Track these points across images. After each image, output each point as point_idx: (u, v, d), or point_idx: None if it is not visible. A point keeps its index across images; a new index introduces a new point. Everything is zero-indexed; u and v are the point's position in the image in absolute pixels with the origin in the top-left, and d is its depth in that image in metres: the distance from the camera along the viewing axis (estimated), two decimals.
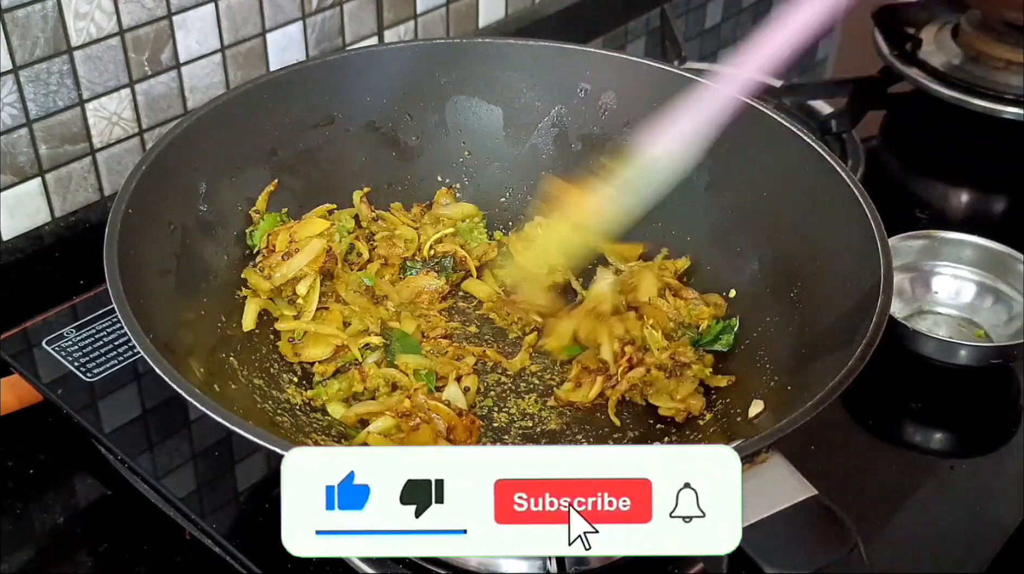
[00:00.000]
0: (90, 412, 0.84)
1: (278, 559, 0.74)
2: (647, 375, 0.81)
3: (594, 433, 0.80)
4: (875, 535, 0.79)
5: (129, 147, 1.00)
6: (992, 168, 1.24)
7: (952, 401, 0.92)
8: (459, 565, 0.74)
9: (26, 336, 0.90)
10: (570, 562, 0.73)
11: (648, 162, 0.80)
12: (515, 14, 1.33)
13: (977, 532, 0.80)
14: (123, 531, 0.79)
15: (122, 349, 0.89)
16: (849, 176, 0.78)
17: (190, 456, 0.83)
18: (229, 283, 0.83)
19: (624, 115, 0.92)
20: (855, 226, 0.76)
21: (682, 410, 0.79)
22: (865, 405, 0.89)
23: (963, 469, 0.86)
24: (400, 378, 0.80)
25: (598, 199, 0.82)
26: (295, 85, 0.88)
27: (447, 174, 0.95)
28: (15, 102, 0.90)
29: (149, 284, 0.73)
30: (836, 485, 0.81)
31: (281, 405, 0.77)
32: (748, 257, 0.85)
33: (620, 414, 0.81)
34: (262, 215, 0.87)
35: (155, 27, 0.96)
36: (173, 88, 1.00)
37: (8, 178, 0.92)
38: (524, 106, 0.94)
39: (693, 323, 0.84)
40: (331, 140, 0.91)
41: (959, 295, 0.98)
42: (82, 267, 0.95)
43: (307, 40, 1.09)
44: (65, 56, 0.91)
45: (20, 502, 0.81)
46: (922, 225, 1.01)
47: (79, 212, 0.98)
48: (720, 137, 0.86)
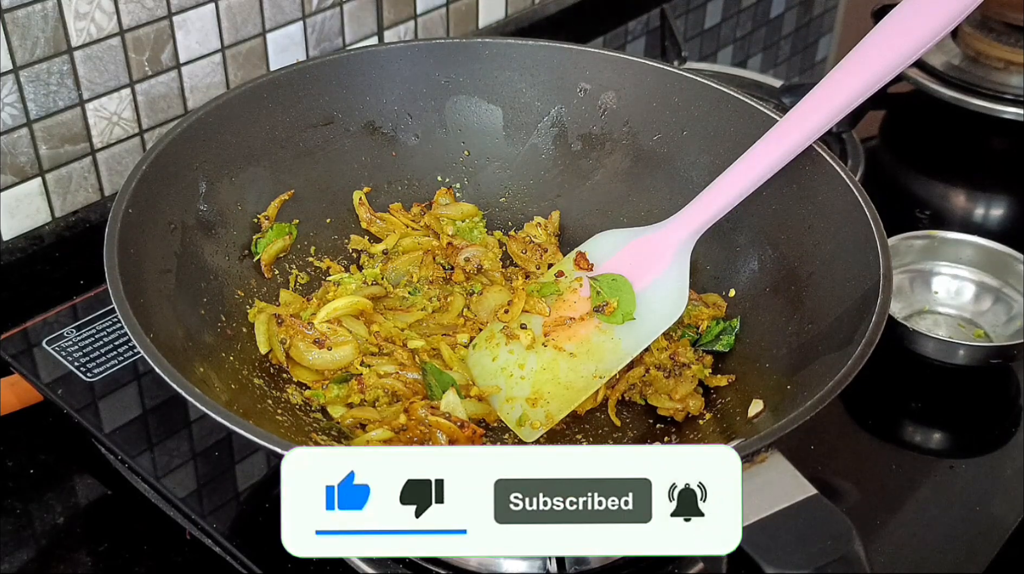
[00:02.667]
0: (90, 412, 0.84)
1: (278, 559, 0.74)
2: (646, 375, 0.81)
3: (594, 433, 0.80)
4: (875, 535, 0.79)
5: (129, 147, 1.00)
6: (992, 168, 1.24)
7: (952, 401, 0.92)
8: (459, 565, 0.74)
9: (26, 336, 0.90)
10: (570, 562, 0.73)
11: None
12: (515, 14, 1.33)
13: (977, 532, 0.80)
14: (123, 531, 0.79)
15: (122, 349, 0.89)
16: (849, 176, 0.78)
17: (190, 456, 0.83)
18: (229, 283, 0.83)
19: (624, 115, 0.92)
20: (855, 226, 0.76)
21: (681, 410, 0.79)
22: (865, 405, 0.89)
23: (963, 469, 0.86)
24: (399, 388, 0.80)
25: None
26: (295, 85, 0.88)
27: (447, 174, 0.95)
28: (15, 102, 0.90)
29: (149, 284, 0.73)
30: (836, 485, 0.82)
31: (281, 405, 0.77)
32: (748, 257, 0.85)
33: (620, 414, 0.81)
34: (271, 223, 0.86)
35: (155, 27, 0.96)
36: (173, 88, 1.00)
37: (8, 178, 0.92)
38: (524, 106, 0.94)
39: (692, 323, 0.84)
40: (331, 140, 0.91)
41: (959, 295, 0.98)
42: (82, 267, 0.95)
43: (307, 40, 1.09)
44: (65, 56, 0.91)
45: (20, 502, 0.81)
46: (922, 225, 1.01)
47: (79, 212, 0.98)
48: (720, 137, 0.87)
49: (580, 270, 0.86)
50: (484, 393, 0.80)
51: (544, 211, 0.94)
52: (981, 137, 1.26)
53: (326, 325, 0.83)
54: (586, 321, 0.83)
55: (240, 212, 0.85)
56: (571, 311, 0.84)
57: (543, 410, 0.79)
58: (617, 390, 0.81)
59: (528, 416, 0.79)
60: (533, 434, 0.78)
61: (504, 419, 0.80)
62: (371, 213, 0.92)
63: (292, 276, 0.88)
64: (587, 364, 0.81)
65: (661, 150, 0.90)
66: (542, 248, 0.91)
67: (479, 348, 0.84)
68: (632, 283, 0.83)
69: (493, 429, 0.80)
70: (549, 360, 0.81)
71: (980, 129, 1.24)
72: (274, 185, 0.88)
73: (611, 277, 0.84)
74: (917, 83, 1.23)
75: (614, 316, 0.82)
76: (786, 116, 0.81)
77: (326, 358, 0.81)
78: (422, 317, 0.87)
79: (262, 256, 0.86)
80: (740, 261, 0.86)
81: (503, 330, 0.83)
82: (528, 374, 0.81)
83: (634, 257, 0.84)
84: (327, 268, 0.89)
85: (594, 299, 0.83)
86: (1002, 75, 1.23)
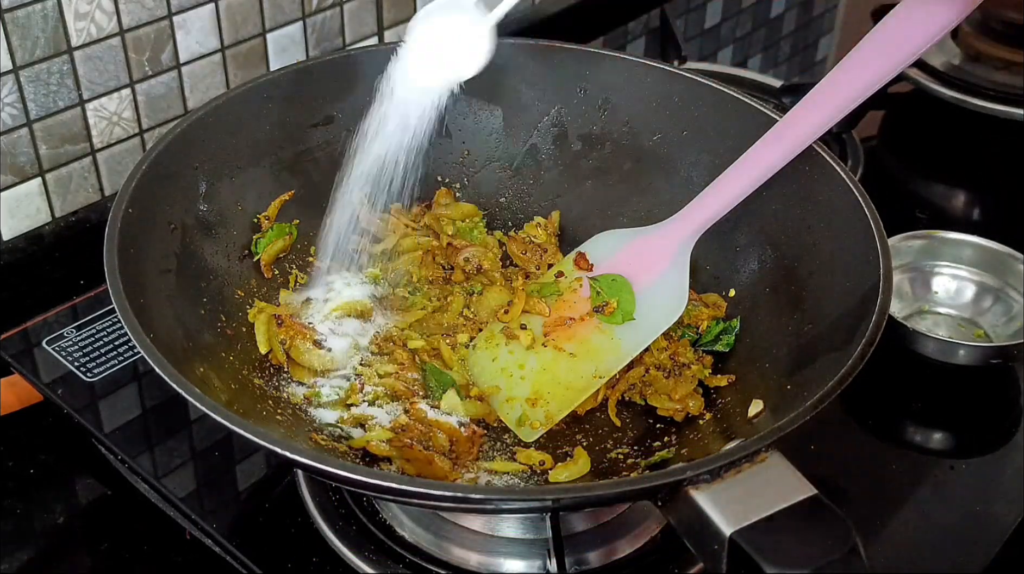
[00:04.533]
0: (90, 412, 0.84)
1: (278, 559, 0.74)
2: (646, 375, 0.81)
3: (594, 433, 0.80)
4: (875, 535, 0.79)
5: (129, 147, 1.00)
6: (992, 168, 1.24)
7: (952, 401, 0.92)
8: (459, 565, 0.75)
9: (26, 336, 0.90)
10: (570, 562, 0.73)
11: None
12: (515, 14, 1.32)
13: (977, 532, 0.80)
14: (123, 531, 0.80)
15: (122, 349, 0.89)
16: (849, 176, 0.78)
17: (190, 456, 0.83)
18: (229, 283, 0.83)
19: (624, 115, 0.92)
20: (855, 226, 0.76)
21: (681, 410, 0.79)
22: (865, 405, 0.89)
23: (963, 469, 0.86)
24: (399, 388, 0.79)
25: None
26: (295, 85, 0.88)
27: (447, 174, 0.95)
28: (15, 102, 0.90)
29: (149, 284, 0.73)
30: (836, 485, 0.82)
31: (281, 405, 0.77)
32: (748, 257, 0.85)
33: (620, 414, 0.81)
34: (271, 223, 0.86)
35: (155, 27, 0.96)
36: (173, 88, 1.00)
37: (8, 178, 0.92)
38: (524, 106, 0.94)
39: (692, 323, 0.84)
40: (331, 140, 0.91)
41: (959, 295, 0.98)
42: (82, 267, 0.95)
43: (307, 40, 1.09)
44: (65, 56, 0.91)
45: (20, 502, 0.81)
46: (922, 225, 1.01)
47: (79, 212, 0.98)
48: (720, 137, 0.87)
49: (580, 270, 0.86)
50: (484, 393, 0.80)
51: (544, 211, 0.94)
52: (981, 137, 1.26)
53: (326, 325, 0.83)
54: (586, 321, 0.83)
55: (240, 212, 0.85)
56: (571, 311, 0.84)
57: (543, 410, 0.79)
58: (617, 390, 0.81)
59: (528, 416, 0.79)
60: (533, 434, 0.78)
61: (504, 419, 0.80)
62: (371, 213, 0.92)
63: (292, 276, 0.88)
64: (587, 364, 0.81)
65: (661, 150, 0.90)
66: (542, 248, 0.91)
67: (479, 348, 0.84)
68: (632, 283, 0.83)
69: (493, 429, 0.80)
70: (549, 360, 0.81)
71: (980, 129, 1.24)
72: (274, 185, 0.88)
73: (611, 277, 0.84)
74: (917, 83, 1.23)
75: (614, 316, 0.82)
76: (786, 116, 0.81)
77: (326, 358, 0.81)
78: (422, 317, 0.87)
79: (262, 256, 0.86)
80: (740, 261, 0.86)
81: (503, 330, 0.83)
82: (528, 374, 0.81)
83: (634, 257, 0.84)
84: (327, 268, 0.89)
85: (594, 299, 0.83)
86: (1003, 75, 1.23)
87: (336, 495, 0.78)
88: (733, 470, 0.58)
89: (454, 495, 0.60)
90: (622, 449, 0.78)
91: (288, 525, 0.77)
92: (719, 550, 0.56)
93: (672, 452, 0.76)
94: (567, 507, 0.70)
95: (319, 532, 0.76)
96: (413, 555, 0.75)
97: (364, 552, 0.75)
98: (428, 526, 0.76)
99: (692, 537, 0.58)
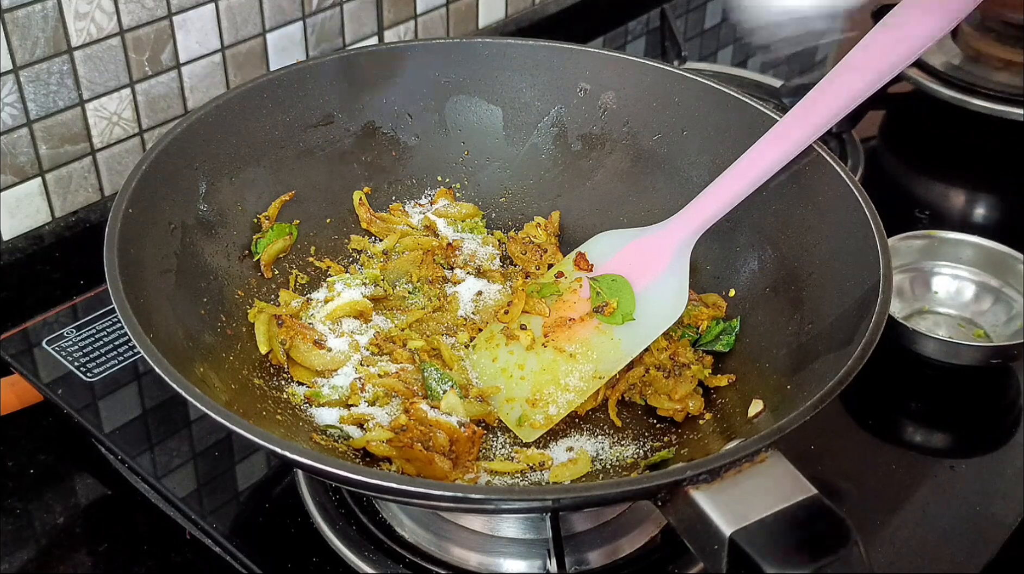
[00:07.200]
0: (90, 412, 0.84)
1: (278, 559, 0.74)
2: (646, 375, 0.81)
3: (594, 433, 0.80)
4: (875, 535, 0.79)
5: (129, 147, 1.00)
6: (992, 168, 1.24)
7: (952, 401, 0.92)
8: (459, 565, 0.75)
9: (26, 336, 0.90)
10: (570, 562, 0.73)
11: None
12: (515, 14, 1.33)
13: (977, 532, 0.80)
14: (123, 531, 0.80)
15: (122, 349, 0.89)
16: (849, 176, 0.78)
17: (190, 456, 0.83)
18: (229, 283, 0.83)
19: (624, 115, 0.92)
20: (855, 226, 0.76)
21: (680, 410, 0.79)
22: (865, 405, 0.90)
23: (963, 469, 0.86)
24: (399, 388, 0.80)
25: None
26: (295, 85, 0.88)
27: (447, 174, 0.95)
28: (15, 102, 0.90)
29: (149, 284, 0.73)
30: (836, 485, 0.82)
31: (281, 405, 0.77)
32: (748, 257, 0.85)
33: (620, 414, 0.81)
34: (271, 223, 0.86)
35: (155, 27, 0.96)
36: (173, 88, 1.00)
37: (8, 178, 0.92)
38: (524, 106, 0.94)
39: (692, 323, 0.84)
40: (331, 140, 0.91)
41: (959, 295, 0.98)
42: (82, 267, 0.95)
43: (307, 40, 1.10)
44: (65, 56, 0.91)
45: (20, 502, 0.81)
46: (922, 225, 1.01)
47: (79, 212, 0.99)
48: (720, 137, 0.87)
49: (580, 270, 0.86)
50: (484, 393, 0.80)
51: (544, 211, 0.94)
52: (981, 137, 1.26)
53: (326, 325, 0.83)
54: (586, 322, 0.83)
55: (240, 212, 0.85)
56: (571, 312, 0.84)
57: (543, 410, 0.79)
58: (617, 390, 0.81)
59: (528, 416, 0.79)
60: (533, 434, 0.78)
61: (504, 419, 0.80)
62: (371, 213, 0.92)
63: (292, 276, 0.88)
64: (587, 365, 0.81)
65: (661, 150, 0.90)
66: (542, 248, 0.91)
67: (479, 348, 0.84)
68: (632, 283, 0.83)
69: (493, 429, 0.80)
70: (549, 361, 0.81)
71: (980, 129, 1.24)
72: (274, 185, 0.88)
73: (611, 277, 0.84)
74: (917, 83, 1.23)
75: (614, 317, 0.82)
76: (786, 116, 0.81)
77: (326, 358, 0.81)
78: (422, 317, 0.87)
79: (262, 256, 0.86)
80: (740, 261, 0.86)
81: (503, 331, 0.83)
82: (528, 374, 0.81)
83: (634, 257, 0.84)
84: (327, 268, 0.89)
85: (594, 300, 0.83)
86: (1002, 75, 1.23)
87: (336, 495, 0.78)
88: (733, 470, 0.58)
89: (454, 495, 0.60)
90: (622, 449, 0.78)
91: (288, 525, 0.77)
92: (719, 550, 0.56)
93: (672, 452, 0.76)
94: (567, 507, 0.70)
95: (319, 532, 0.76)
96: (413, 555, 0.75)
97: (364, 552, 0.75)
98: (428, 526, 0.76)
99: (692, 537, 0.58)
